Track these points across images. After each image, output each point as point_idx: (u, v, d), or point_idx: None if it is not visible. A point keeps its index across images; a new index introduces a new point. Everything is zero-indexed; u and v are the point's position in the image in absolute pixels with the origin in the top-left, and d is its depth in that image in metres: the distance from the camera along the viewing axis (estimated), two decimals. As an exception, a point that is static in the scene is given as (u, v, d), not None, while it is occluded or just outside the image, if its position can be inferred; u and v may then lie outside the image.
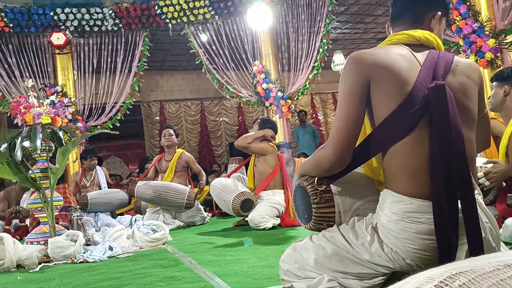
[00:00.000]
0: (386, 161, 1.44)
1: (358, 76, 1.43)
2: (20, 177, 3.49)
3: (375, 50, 1.46)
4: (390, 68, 1.40)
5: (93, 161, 6.11)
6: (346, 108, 1.43)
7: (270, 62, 7.76)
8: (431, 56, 1.45)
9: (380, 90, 1.40)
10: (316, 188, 1.61)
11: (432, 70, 1.41)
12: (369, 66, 1.41)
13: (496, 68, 5.08)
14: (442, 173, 1.31)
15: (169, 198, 4.81)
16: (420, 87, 1.37)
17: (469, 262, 0.55)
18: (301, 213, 1.73)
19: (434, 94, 1.35)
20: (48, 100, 3.88)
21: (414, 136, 1.37)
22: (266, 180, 4.28)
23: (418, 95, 1.36)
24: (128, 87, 8.11)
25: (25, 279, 2.74)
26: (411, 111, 1.36)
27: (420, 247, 1.36)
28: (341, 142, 1.43)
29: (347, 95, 1.44)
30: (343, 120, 1.43)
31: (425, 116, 1.36)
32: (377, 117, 1.44)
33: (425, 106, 1.35)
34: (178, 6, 7.93)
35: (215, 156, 11.71)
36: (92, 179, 6.14)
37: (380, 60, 1.41)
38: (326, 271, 1.53)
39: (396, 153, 1.40)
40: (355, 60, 1.45)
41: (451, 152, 1.32)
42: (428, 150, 1.35)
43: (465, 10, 5.32)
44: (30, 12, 7.60)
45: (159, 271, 2.53)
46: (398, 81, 1.38)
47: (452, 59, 1.47)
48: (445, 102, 1.33)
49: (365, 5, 8.64)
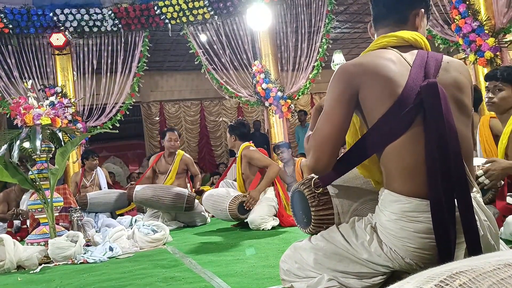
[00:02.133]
0: (382, 161, 1.44)
1: (346, 85, 1.43)
2: (18, 178, 3.48)
3: (364, 59, 1.46)
4: (379, 74, 1.40)
5: (95, 161, 6.20)
6: (333, 114, 1.43)
7: (270, 62, 7.76)
8: (420, 56, 1.45)
9: (371, 96, 1.40)
10: (313, 191, 1.62)
11: (423, 69, 1.41)
12: (359, 76, 1.42)
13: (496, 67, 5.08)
14: (438, 171, 1.31)
15: (168, 202, 4.79)
16: (413, 86, 1.37)
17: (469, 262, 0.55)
18: (300, 218, 1.74)
19: (427, 91, 1.35)
20: (48, 101, 3.88)
21: (409, 135, 1.37)
22: (256, 179, 4.31)
23: (411, 94, 1.36)
24: (128, 87, 8.11)
25: (26, 280, 2.74)
26: (405, 110, 1.36)
27: (419, 246, 1.36)
28: (322, 148, 1.43)
29: (335, 101, 1.44)
30: (329, 125, 1.43)
31: (419, 114, 1.36)
32: (370, 121, 1.44)
33: (419, 105, 1.35)
34: (177, 6, 7.93)
35: (215, 157, 11.71)
36: (92, 179, 6.18)
37: (369, 68, 1.41)
38: (326, 271, 1.53)
39: (392, 153, 1.40)
40: (344, 71, 1.45)
41: (447, 149, 1.32)
42: (423, 148, 1.35)
43: (465, 9, 5.32)
44: (30, 13, 7.60)
45: (159, 272, 2.53)
46: (389, 85, 1.38)
47: (441, 58, 1.47)
48: (438, 99, 1.34)
49: (364, 4, 8.63)
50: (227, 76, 8.07)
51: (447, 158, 1.31)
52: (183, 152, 5.50)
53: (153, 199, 4.79)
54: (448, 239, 1.31)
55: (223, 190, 4.37)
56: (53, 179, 3.59)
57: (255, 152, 4.35)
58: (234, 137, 4.48)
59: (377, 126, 1.40)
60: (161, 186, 5.07)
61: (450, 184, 1.31)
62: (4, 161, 3.36)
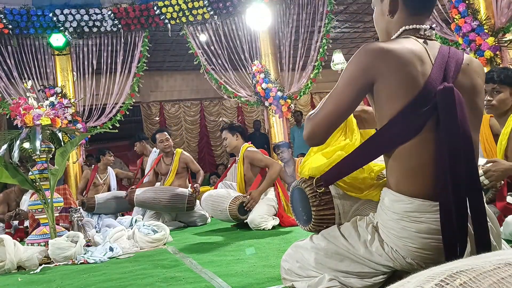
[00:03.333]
0: (387, 161, 1.43)
1: (363, 72, 1.37)
2: (18, 179, 3.48)
3: (393, 45, 1.37)
4: (402, 70, 1.34)
5: (111, 157, 6.42)
6: (341, 95, 1.40)
7: (270, 61, 7.76)
8: (442, 54, 1.41)
9: (386, 90, 1.36)
10: (315, 191, 1.59)
11: (443, 70, 1.37)
12: (379, 64, 1.35)
13: (495, 66, 5.08)
14: (450, 176, 1.29)
15: (169, 204, 4.79)
16: (430, 88, 1.33)
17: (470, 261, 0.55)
18: (299, 215, 1.72)
19: (442, 96, 1.32)
20: (48, 101, 3.89)
21: (420, 137, 1.34)
22: (256, 180, 4.31)
23: (427, 96, 1.33)
24: (128, 87, 8.10)
25: (26, 281, 2.74)
26: (419, 113, 1.33)
27: (421, 246, 1.36)
28: (320, 123, 1.42)
29: (346, 84, 1.39)
30: (333, 106, 1.40)
31: (432, 118, 1.33)
32: (380, 117, 1.41)
33: (433, 108, 1.33)
34: (177, 6, 7.93)
35: (215, 156, 11.72)
36: (105, 178, 6.36)
37: (394, 59, 1.34)
38: (327, 270, 1.53)
39: (398, 154, 1.38)
40: (366, 53, 1.37)
41: (460, 156, 1.30)
42: (432, 151, 1.34)
43: (464, 9, 5.32)
44: (29, 13, 7.60)
45: (160, 272, 2.53)
46: (408, 83, 1.34)
47: (462, 59, 1.44)
48: (453, 106, 1.30)
49: (364, 4, 8.63)
50: (226, 76, 8.06)
51: (459, 163, 1.30)
52: (181, 150, 5.47)
53: (154, 202, 4.79)
54: (456, 243, 1.30)
55: (223, 190, 4.36)
56: (53, 180, 3.59)
57: (256, 153, 4.35)
58: (237, 135, 4.46)
59: (388, 127, 1.37)
60: (161, 188, 5.06)
61: (461, 189, 1.30)
62: (4, 161, 3.36)
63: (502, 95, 2.69)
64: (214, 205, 4.17)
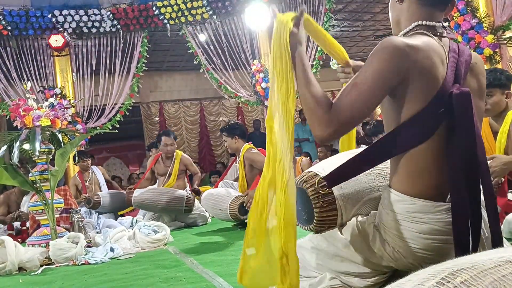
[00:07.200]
0: (393, 160, 1.41)
1: (395, 68, 1.28)
2: (18, 180, 3.48)
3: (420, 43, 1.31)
4: (430, 73, 1.30)
5: (85, 162, 6.20)
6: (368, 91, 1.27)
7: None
8: (452, 52, 1.38)
9: (409, 93, 1.31)
10: (318, 192, 1.53)
11: (454, 71, 1.35)
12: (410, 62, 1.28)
13: (495, 64, 5.08)
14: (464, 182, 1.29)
15: (167, 206, 4.79)
16: (445, 89, 1.31)
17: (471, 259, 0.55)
18: (299, 214, 1.69)
19: (460, 102, 1.28)
20: (47, 102, 3.88)
21: (431, 140, 1.33)
22: (256, 180, 4.31)
23: (443, 98, 1.30)
24: (127, 88, 8.09)
25: (27, 282, 2.74)
26: (434, 116, 1.31)
27: (423, 246, 1.35)
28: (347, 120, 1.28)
29: (374, 80, 1.27)
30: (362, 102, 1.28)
31: (445, 120, 1.31)
32: (392, 119, 1.38)
33: (448, 111, 1.30)
34: (176, 6, 7.92)
35: (215, 156, 11.70)
36: (90, 179, 6.20)
37: (423, 59, 1.29)
38: (327, 271, 1.52)
39: (405, 156, 1.36)
40: (397, 49, 1.27)
41: (476, 159, 1.29)
42: (440, 153, 1.33)
43: (463, 6, 5.32)
44: (28, 14, 7.59)
45: (160, 272, 2.54)
46: (430, 85, 1.31)
47: (470, 57, 1.42)
48: (471, 112, 1.28)
49: (363, 2, 8.62)
50: (226, 75, 8.06)
51: (473, 168, 1.29)
52: (182, 153, 5.49)
53: (152, 203, 4.79)
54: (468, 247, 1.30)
55: (223, 190, 4.36)
56: (53, 181, 3.59)
57: (256, 155, 4.34)
58: (236, 138, 4.45)
59: (401, 130, 1.34)
60: (159, 189, 5.06)
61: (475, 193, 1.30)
62: (4, 163, 3.36)
63: (495, 97, 2.71)
64: (215, 205, 4.17)
